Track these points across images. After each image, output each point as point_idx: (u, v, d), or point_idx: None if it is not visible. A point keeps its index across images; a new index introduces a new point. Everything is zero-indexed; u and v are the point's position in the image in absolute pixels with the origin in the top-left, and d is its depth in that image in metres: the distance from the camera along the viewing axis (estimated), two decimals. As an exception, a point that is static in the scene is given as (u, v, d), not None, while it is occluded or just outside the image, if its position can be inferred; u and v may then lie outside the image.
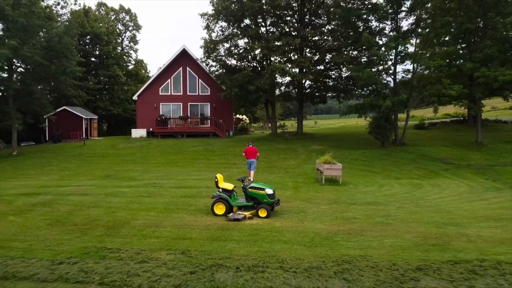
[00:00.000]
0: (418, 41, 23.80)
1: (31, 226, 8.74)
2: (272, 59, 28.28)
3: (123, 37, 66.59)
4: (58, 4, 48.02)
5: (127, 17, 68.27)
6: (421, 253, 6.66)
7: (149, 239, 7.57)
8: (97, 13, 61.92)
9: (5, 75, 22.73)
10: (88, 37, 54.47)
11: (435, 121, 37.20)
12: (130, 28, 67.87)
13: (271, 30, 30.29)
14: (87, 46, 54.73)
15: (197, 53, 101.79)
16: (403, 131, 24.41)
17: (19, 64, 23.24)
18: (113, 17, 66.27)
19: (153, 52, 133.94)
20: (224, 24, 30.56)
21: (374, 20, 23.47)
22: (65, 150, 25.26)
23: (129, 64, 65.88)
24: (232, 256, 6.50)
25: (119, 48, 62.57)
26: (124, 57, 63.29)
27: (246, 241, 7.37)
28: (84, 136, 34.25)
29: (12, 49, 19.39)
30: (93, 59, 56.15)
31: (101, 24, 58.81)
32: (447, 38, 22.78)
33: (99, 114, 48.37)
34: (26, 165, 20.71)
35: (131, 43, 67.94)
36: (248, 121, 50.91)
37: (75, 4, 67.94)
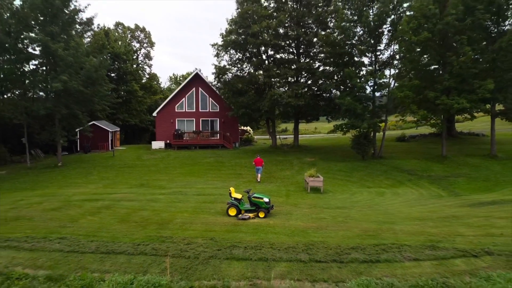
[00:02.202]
0: (393, 72, 27.54)
1: (106, 223, 12.48)
2: (272, 82, 32.01)
3: (138, 53, 70.74)
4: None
5: (142, 35, 72.61)
6: (358, 240, 10.29)
7: (188, 231, 11.27)
8: (116, 33, 66.06)
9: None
10: (109, 55, 58.44)
11: (416, 133, 40.55)
12: (145, 45, 72.16)
13: (272, 55, 34.11)
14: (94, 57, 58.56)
15: (203, 62, 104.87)
16: (381, 145, 28.03)
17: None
18: (129, 35, 70.51)
19: (155, 53, 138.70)
20: (232, 51, 34.39)
21: (356, 56, 27.10)
22: (99, 161, 29.08)
23: (144, 78, 69.83)
24: (241, 241, 10.18)
25: (135, 64, 66.50)
26: (140, 72, 67.22)
27: (250, 232, 11.05)
28: (110, 148, 38.22)
29: (63, 83, 23.33)
30: (112, 74, 60.11)
31: (120, 42, 63.00)
32: (424, 55, 26.08)
33: (118, 125, 52.34)
34: (72, 174, 24.52)
35: (146, 59, 72.28)
36: (252, 131, 54.63)
37: (98, 28, 72.42)
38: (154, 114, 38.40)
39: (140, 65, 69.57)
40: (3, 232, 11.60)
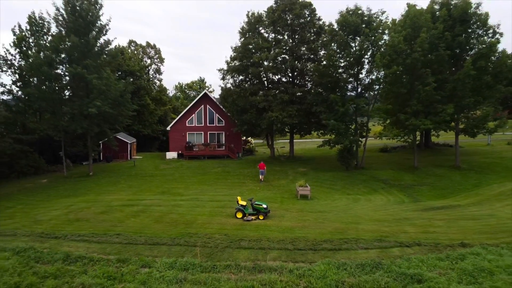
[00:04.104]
0: (373, 96, 31.24)
1: (146, 223, 16.09)
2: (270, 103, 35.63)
3: (149, 68, 74.70)
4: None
5: (152, 52, 76.82)
6: (330, 235, 13.88)
7: (207, 229, 14.88)
8: (129, 50, 70.05)
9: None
10: (124, 73, 62.30)
11: (397, 144, 43.92)
12: (156, 61, 76.30)
13: (271, 78, 37.83)
14: (123, 80, 62.41)
15: (203, 63, 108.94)
16: (362, 157, 31.64)
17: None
18: (141, 52, 74.58)
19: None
20: (235, 75, 38.08)
21: (341, 82, 30.75)
22: (123, 171, 32.70)
23: (154, 90, 73.63)
24: (247, 236, 13.77)
25: (147, 80, 70.24)
26: (152, 86, 71.05)
27: (253, 230, 14.64)
28: (129, 157, 41.95)
29: (97, 107, 27.13)
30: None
31: (133, 59, 66.90)
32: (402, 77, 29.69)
33: (131, 135, 56.01)
34: (103, 183, 28.11)
35: (156, 74, 76.31)
36: (253, 141, 58.23)
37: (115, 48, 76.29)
38: (168, 128, 42.12)
39: (151, 80, 73.35)
40: (72, 230, 15.25)
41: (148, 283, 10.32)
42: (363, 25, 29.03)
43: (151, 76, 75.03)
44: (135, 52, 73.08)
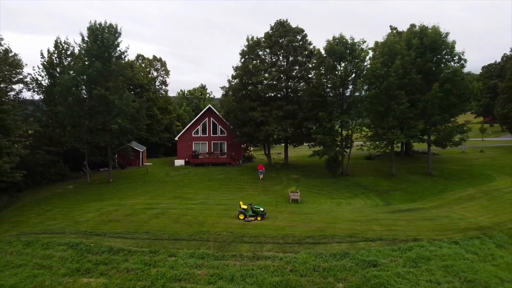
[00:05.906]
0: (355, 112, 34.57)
1: (166, 224, 19.20)
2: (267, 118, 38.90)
3: (155, 80, 78.00)
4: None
5: (159, 64, 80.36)
6: (312, 233, 17.04)
7: (216, 228, 18.00)
8: (137, 64, 73.37)
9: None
10: (134, 86, 65.51)
11: (381, 153, 47.24)
12: (162, 73, 79.78)
13: (268, 95, 41.13)
14: (132, 92, 65.68)
15: (203, 63, 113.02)
16: (347, 165, 34.88)
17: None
18: (148, 65, 77.95)
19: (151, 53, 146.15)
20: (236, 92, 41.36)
21: (328, 101, 34.06)
22: (138, 177, 35.83)
23: (160, 100, 76.86)
24: (248, 233, 16.92)
25: (153, 91, 73.47)
26: (158, 97, 74.27)
27: (252, 228, 17.78)
28: (141, 164, 45.10)
29: (118, 124, 30.37)
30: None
31: (142, 73, 70.17)
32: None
33: (141, 142, 59.09)
34: (123, 189, 31.19)
35: (162, 85, 79.65)
36: (252, 148, 61.41)
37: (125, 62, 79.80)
38: (176, 138, 45.34)
39: (157, 91, 76.50)
40: (108, 229, 18.32)
41: (176, 267, 13.50)
42: (347, 51, 32.40)
43: (158, 87, 78.27)
44: (143, 65, 76.50)
